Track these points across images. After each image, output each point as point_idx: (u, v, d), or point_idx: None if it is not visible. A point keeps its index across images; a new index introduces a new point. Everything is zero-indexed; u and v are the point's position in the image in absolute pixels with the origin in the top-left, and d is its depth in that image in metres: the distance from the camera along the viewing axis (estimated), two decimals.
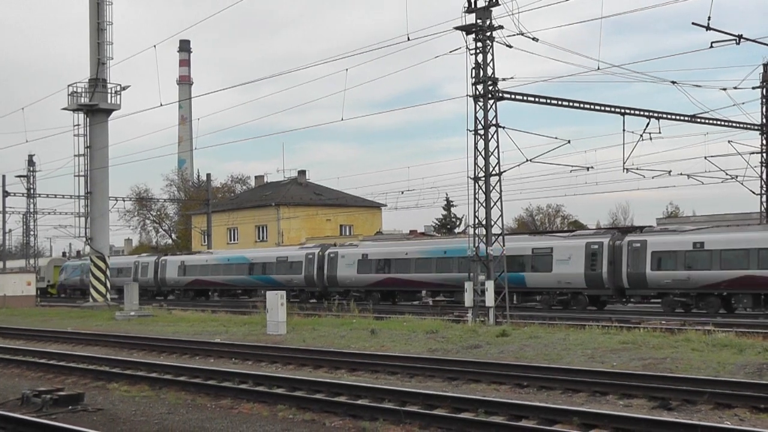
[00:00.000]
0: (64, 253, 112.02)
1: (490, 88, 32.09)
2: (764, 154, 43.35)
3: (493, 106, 32.32)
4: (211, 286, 61.62)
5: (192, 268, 62.26)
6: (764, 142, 43.24)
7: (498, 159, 32.62)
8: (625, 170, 37.67)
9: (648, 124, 36.74)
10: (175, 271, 63.40)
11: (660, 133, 37.02)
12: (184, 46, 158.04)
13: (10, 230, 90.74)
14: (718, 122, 40.14)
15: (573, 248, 40.71)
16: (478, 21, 31.70)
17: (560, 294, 41.48)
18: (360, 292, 50.35)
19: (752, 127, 42.47)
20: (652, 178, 40.50)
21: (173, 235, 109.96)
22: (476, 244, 32.69)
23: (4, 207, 73.41)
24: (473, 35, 31.88)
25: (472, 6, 31.71)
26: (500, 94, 32.45)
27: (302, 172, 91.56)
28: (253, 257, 58.51)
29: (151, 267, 66.25)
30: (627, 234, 40.26)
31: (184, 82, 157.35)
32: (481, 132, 32.27)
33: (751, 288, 35.17)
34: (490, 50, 31.99)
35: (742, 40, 32.41)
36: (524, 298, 43.66)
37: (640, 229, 41.40)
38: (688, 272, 36.81)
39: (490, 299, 31.38)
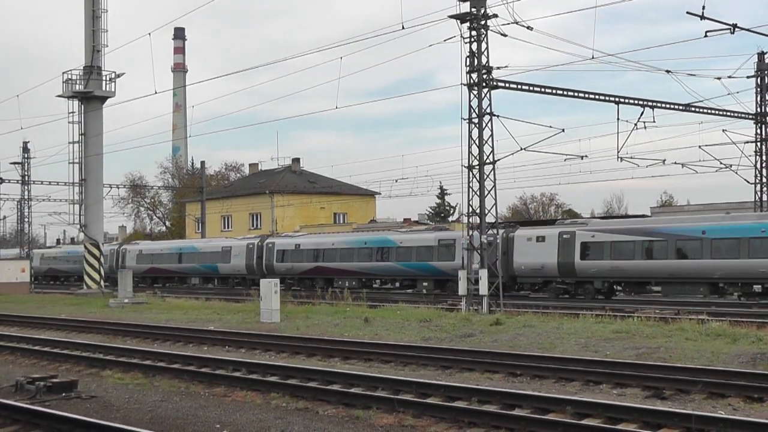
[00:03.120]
0: (58, 240, 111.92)
1: (485, 76, 32.06)
2: (758, 144, 43.36)
3: (488, 95, 32.30)
4: (58, 273, 79.22)
5: (46, 260, 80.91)
6: (758, 131, 43.25)
7: (492, 148, 32.65)
8: (619, 159, 37.71)
9: (642, 113, 36.74)
10: (38, 262, 79.45)
11: (654, 122, 37.05)
12: (179, 34, 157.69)
13: (4, 217, 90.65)
14: (713, 111, 40.12)
15: (241, 247, 59.21)
16: (473, 9, 31.65)
17: (235, 278, 59.87)
18: (138, 278, 64.74)
19: (746, 116, 42.47)
20: (647, 167, 40.59)
21: (167, 223, 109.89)
22: (470, 233, 32.72)
23: None
24: (467, 24, 31.84)
25: None
26: (494, 83, 32.42)
27: (296, 160, 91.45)
28: (81, 252, 77.65)
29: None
30: (267, 238, 59.14)
31: (179, 69, 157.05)
32: (476, 120, 32.25)
33: (322, 274, 53.55)
34: (485, 39, 31.95)
35: (736, 29, 32.39)
36: (221, 282, 61.97)
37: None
38: (293, 263, 55.23)
39: (483, 288, 31.42)
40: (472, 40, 31.91)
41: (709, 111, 39.96)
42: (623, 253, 38.56)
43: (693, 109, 39.14)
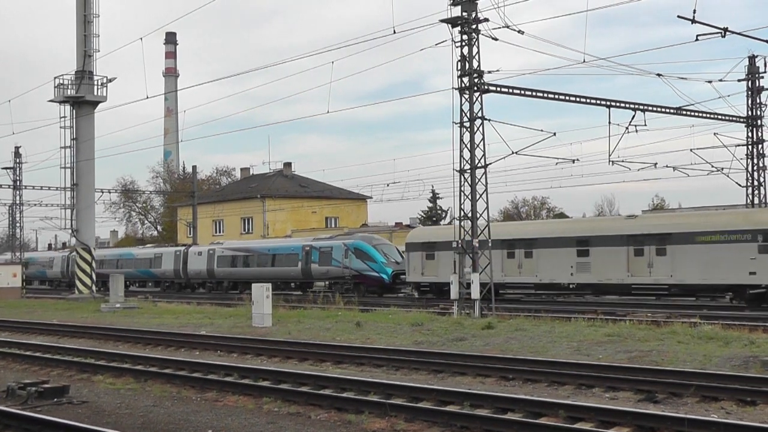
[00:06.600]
0: (49, 245, 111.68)
1: (476, 80, 32.06)
2: (749, 147, 43.43)
3: (479, 99, 32.30)
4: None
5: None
6: (749, 134, 43.32)
7: (484, 151, 32.61)
8: (610, 162, 37.73)
9: (633, 116, 36.76)
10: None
11: (645, 125, 37.05)
12: (171, 39, 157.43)
13: None
14: (704, 115, 40.20)
15: (60, 258, 76.94)
16: (464, 14, 31.65)
17: (55, 281, 78.59)
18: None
19: (738, 119, 42.53)
20: (638, 170, 40.54)
21: (159, 227, 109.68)
22: (461, 237, 32.69)
23: None
24: (459, 28, 31.84)
25: None
26: (486, 87, 32.42)
27: (288, 164, 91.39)
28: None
29: None
30: (72, 252, 68.88)
31: (171, 74, 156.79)
32: (467, 124, 32.25)
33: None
34: (476, 43, 31.96)
35: (727, 33, 32.45)
36: (48, 283, 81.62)
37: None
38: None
39: (475, 291, 31.40)
40: (464, 44, 31.90)
41: (701, 114, 40.05)
42: (235, 263, 58.03)
43: (684, 112, 39.21)
